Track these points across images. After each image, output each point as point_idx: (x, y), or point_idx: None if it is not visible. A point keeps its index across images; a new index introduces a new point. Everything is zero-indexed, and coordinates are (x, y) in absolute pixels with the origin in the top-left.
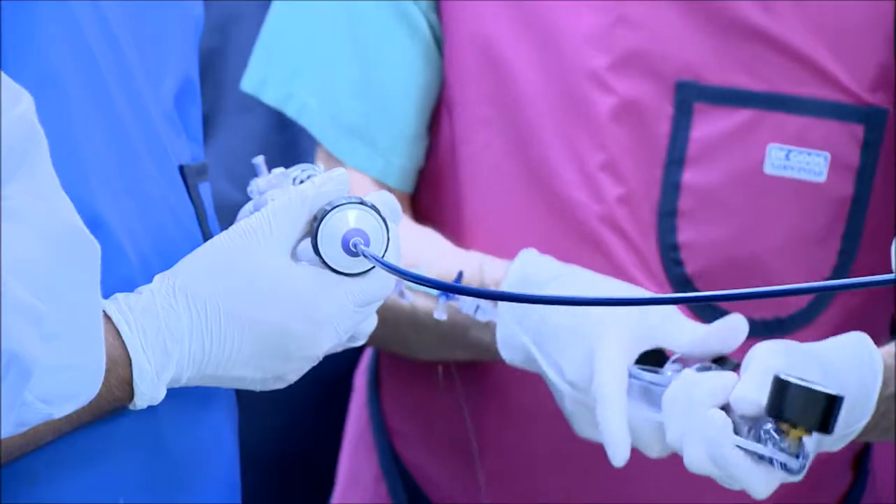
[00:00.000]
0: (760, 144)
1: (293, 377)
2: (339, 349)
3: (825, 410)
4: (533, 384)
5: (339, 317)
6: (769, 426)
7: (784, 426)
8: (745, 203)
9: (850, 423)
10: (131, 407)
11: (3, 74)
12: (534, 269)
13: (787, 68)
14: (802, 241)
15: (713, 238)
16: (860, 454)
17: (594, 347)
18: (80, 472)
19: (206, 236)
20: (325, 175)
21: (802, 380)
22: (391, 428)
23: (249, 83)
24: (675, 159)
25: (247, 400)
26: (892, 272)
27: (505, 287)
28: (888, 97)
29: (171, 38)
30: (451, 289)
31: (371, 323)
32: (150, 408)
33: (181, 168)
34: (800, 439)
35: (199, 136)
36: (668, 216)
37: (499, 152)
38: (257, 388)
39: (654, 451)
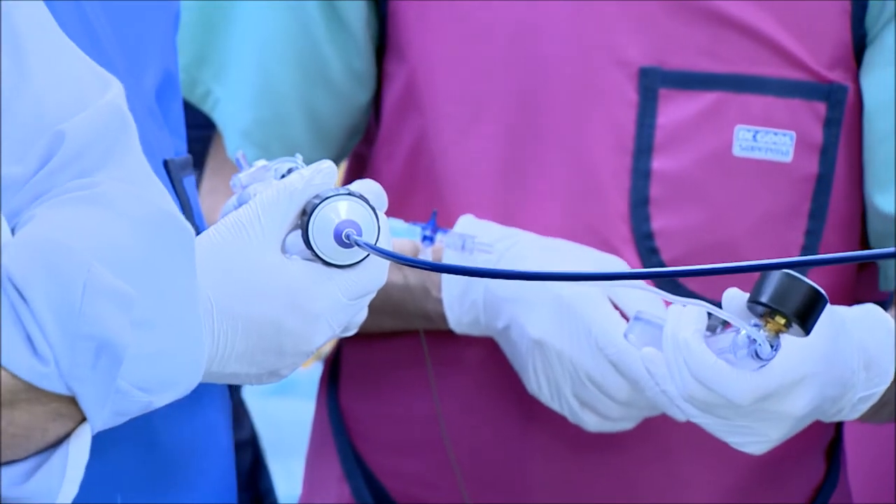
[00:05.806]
0: (728, 127)
1: (287, 372)
2: (332, 340)
3: (808, 303)
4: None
5: (333, 310)
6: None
7: (765, 317)
8: (716, 187)
9: (870, 386)
10: None
11: (92, 62)
12: (477, 231)
13: (748, 49)
14: (771, 223)
15: (687, 224)
16: (832, 444)
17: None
18: None
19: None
20: (312, 167)
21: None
22: (352, 429)
23: None
24: (644, 147)
25: None
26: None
27: (445, 251)
28: (846, 74)
29: (151, 33)
30: (446, 269)
31: (363, 314)
32: None
33: (166, 163)
34: (777, 334)
35: (182, 130)
36: (640, 205)
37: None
38: (252, 383)
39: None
